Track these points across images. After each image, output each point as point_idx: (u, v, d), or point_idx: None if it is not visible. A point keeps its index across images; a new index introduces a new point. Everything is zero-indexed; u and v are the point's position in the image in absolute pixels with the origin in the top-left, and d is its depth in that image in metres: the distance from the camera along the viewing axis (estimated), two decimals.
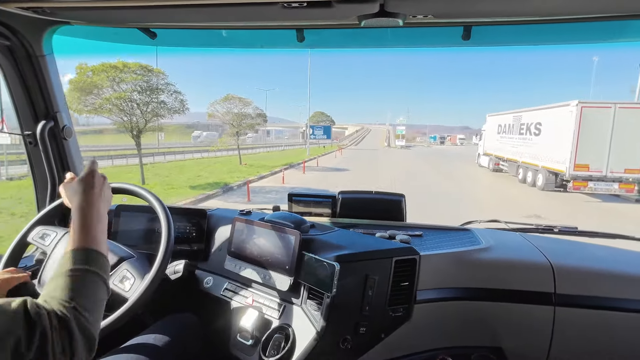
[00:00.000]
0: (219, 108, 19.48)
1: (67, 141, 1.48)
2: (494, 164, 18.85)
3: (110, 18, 1.19)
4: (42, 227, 1.21)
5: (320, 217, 1.63)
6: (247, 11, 1.03)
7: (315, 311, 1.07)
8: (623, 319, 1.17)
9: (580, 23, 1.13)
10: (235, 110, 19.45)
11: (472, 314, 1.24)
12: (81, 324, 0.67)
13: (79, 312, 0.67)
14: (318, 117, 71.49)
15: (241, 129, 19.69)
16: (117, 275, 1.11)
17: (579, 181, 11.89)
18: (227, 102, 19.55)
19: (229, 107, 19.44)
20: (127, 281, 1.09)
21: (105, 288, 0.77)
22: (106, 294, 0.78)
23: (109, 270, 0.81)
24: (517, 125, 16.31)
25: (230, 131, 19.77)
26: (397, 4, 0.95)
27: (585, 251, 1.41)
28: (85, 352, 0.67)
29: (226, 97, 19.69)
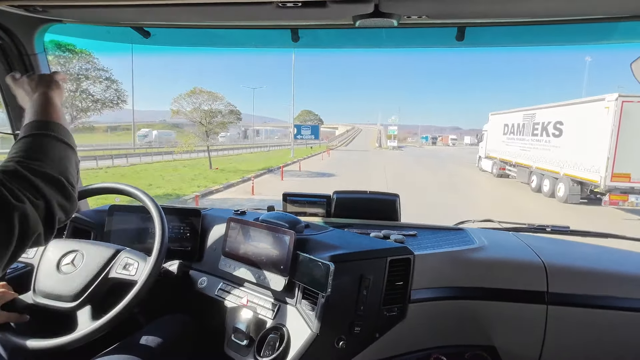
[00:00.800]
0: (185, 104, 17.24)
1: None
2: (498, 168, 16.78)
3: (103, 16, 1.18)
4: None
5: (314, 217, 1.63)
6: (241, 10, 1.03)
7: (310, 311, 1.07)
8: (615, 317, 1.18)
9: (572, 24, 1.14)
10: (205, 106, 17.26)
11: (466, 313, 1.24)
12: (33, 169, 0.67)
13: (28, 162, 0.68)
14: (305, 116, 67.55)
15: (211, 128, 17.42)
16: (117, 265, 1.11)
17: (617, 194, 9.56)
18: (193, 97, 17.24)
19: (196, 102, 17.19)
20: (130, 267, 1.10)
21: (71, 150, 0.78)
22: (74, 154, 0.79)
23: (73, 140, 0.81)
24: (529, 124, 14.20)
25: (198, 130, 17.43)
26: (392, 5, 0.95)
27: (578, 250, 1.43)
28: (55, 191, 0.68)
29: (192, 90, 17.30)
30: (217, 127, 17.90)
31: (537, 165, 13.10)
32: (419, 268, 1.19)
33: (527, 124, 14.38)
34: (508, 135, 16.07)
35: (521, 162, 14.41)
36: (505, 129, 16.41)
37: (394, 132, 54.00)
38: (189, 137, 18.62)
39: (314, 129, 38.12)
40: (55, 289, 1.06)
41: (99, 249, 1.14)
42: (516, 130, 15.32)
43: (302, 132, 36.71)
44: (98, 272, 1.09)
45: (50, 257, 1.12)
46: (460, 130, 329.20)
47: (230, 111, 18.47)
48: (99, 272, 1.09)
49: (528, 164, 13.76)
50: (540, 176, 12.86)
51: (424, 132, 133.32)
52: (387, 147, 51.03)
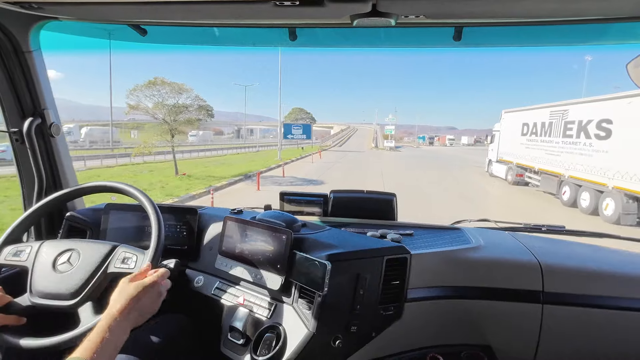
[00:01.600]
0: (145, 98, 14.16)
1: (54, 138, 1.46)
2: (514, 175, 14.37)
3: (100, 14, 1.17)
4: (12, 247, 1.14)
5: (311, 217, 1.63)
6: (238, 9, 1.03)
7: (306, 310, 1.07)
8: (609, 317, 1.19)
9: (567, 25, 1.15)
10: (170, 100, 14.22)
11: (462, 312, 1.25)
12: None
13: None
14: (296, 114, 63.33)
15: (176, 127, 14.32)
16: (115, 260, 1.10)
17: None
18: (154, 89, 14.12)
19: (157, 95, 14.13)
20: (129, 260, 1.09)
21: None
22: None
23: None
24: (559, 123, 11.76)
25: (161, 128, 14.44)
26: (389, 4, 0.95)
27: (573, 250, 1.43)
28: None
29: (152, 81, 14.08)
30: (183, 125, 14.93)
31: (571, 174, 10.76)
32: (415, 267, 1.19)
33: (555, 122, 11.99)
34: (529, 136, 13.64)
35: (547, 168, 12.09)
36: (524, 129, 14.05)
37: (391, 131, 52.24)
38: (150, 135, 15.63)
39: (305, 128, 36.01)
40: (53, 289, 1.06)
41: (95, 246, 1.13)
42: (540, 131, 12.89)
43: (292, 131, 34.72)
44: (96, 268, 1.08)
45: (44, 258, 1.11)
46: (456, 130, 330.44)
47: (200, 106, 15.48)
48: (97, 268, 1.08)
49: (558, 171, 11.43)
50: (576, 187, 10.56)
51: (421, 132, 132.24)
52: (384, 148, 48.98)
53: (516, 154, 14.51)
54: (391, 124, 56.33)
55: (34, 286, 1.07)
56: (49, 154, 1.47)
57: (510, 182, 14.73)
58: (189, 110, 14.91)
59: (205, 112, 16.03)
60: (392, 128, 53.18)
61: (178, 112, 14.43)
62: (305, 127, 36.50)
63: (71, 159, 1.58)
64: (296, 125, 36.86)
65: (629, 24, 1.12)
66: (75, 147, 32.37)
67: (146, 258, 1.07)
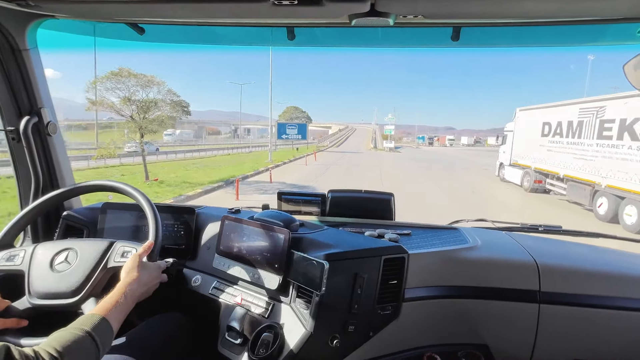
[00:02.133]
0: (107, 92, 12.00)
1: (51, 137, 1.45)
2: (532, 180, 12.65)
3: (98, 12, 1.17)
4: (4, 252, 1.13)
5: (309, 216, 1.63)
6: (237, 8, 1.02)
7: (304, 310, 1.07)
8: (605, 316, 1.20)
9: (564, 26, 1.15)
10: (139, 95, 12.17)
11: (459, 311, 1.25)
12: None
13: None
14: (291, 112, 60.51)
15: (146, 125, 12.18)
16: (115, 254, 1.10)
17: None
18: (119, 82, 11.99)
19: (123, 89, 12.03)
20: (128, 254, 1.10)
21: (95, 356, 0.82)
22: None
23: (108, 346, 0.87)
24: (591, 122, 10.11)
25: (129, 126, 12.59)
26: (388, 4, 0.95)
27: (569, 250, 1.44)
28: None
29: (115, 72, 11.95)
30: (153, 124, 12.51)
31: (610, 183, 9.19)
32: (413, 267, 1.19)
33: (587, 122, 10.28)
34: (551, 137, 12.00)
35: (577, 175, 10.44)
36: (545, 129, 12.41)
37: (390, 131, 50.44)
38: (114, 135, 13.73)
39: (300, 127, 34.30)
40: (52, 288, 1.05)
41: (92, 243, 1.13)
42: (567, 131, 11.21)
43: (287, 131, 33.09)
44: (96, 264, 1.08)
45: (41, 259, 1.10)
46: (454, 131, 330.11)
47: (173, 102, 13.49)
48: (96, 264, 1.08)
49: (591, 179, 9.80)
50: (616, 200, 8.96)
51: (420, 132, 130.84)
52: (383, 149, 47.37)
53: (534, 157, 12.80)
54: (390, 123, 54.71)
55: (33, 288, 1.06)
56: (46, 152, 1.46)
57: (527, 189, 12.97)
58: (158, 106, 12.79)
59: (181, 109, 14.49)
60: (392, 128, 51.33)
61: (147, 108, 12.36)
62: (301, 126, 34.79)
63: (68, 158, 1.57)
64: (291, 124, 35.11)
65: (626, 25, 1.13)
66: None
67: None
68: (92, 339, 0.81)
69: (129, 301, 0.97)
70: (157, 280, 1.11)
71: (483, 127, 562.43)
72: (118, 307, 0.92)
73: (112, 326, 0.88)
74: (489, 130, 61.60)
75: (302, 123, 38.25)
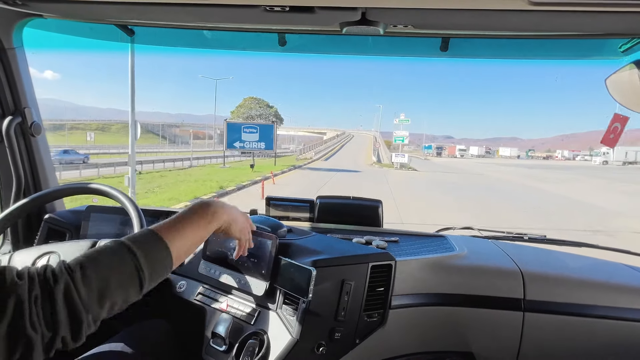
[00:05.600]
0: None
1: (35, 138, 1.43)
2: None
3: (86, 13, 1.15)
4: None
5: (297, 222, 1.62)
6: (228, 13, 1.03)
7: (290, 316, 1.07)
8: (588, 325, 1.22)
9: (550, 40, 1.18)
10: None
11: (445, 319, 1.26)
12: (70, 295, 0.57)
13: (73, 280, 0.58)
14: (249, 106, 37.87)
15: None
16: None
17: None
18: None
19: None
20: None
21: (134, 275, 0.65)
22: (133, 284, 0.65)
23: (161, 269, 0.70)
24: None
25: None
26: (378, 13, 0.96)
27: (553, 258, 1.46)
28: (68, 328, 0.58)
29: None
30: None
31: None
32: (400, 274, 1.20)
33: None
34: None
35: None
36: None
37: (402, 139, 32.73)
38: None
39: (263, 130, 22.09)
40: None
41: (75, 245, 1.10)
42: None
43: (242, 136, 21.67)
44: None
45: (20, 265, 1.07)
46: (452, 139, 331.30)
47: None
48: None
49: None
50: None
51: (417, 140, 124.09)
52: (391, 165, 30.60)
53: None
54: (403, 128, 34.62)
55: None
56: (29, 153, 1.43)
57: None
58: None
59: None
60: (405, 135, 32.89)
61: None
62: (264, 129, 22.31)
63: (52, 159, 1.54)
64: (248, 125, 22.36)
65: (608, 40, 1.17)
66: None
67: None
68: (129, 250, 0.65)
69: (205, 225, 0.79)
70: (247, 223, 0.96)
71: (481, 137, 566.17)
72: (183, 224, 0.74)
73: (168, 244, 0.70)
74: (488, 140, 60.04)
75: (266, 124, 24.70)
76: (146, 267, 0.66)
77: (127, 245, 0.66)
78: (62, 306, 0.57)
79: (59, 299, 0.57)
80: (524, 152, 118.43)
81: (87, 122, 44.11)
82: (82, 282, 0.59)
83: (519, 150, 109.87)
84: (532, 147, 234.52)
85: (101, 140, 15.76)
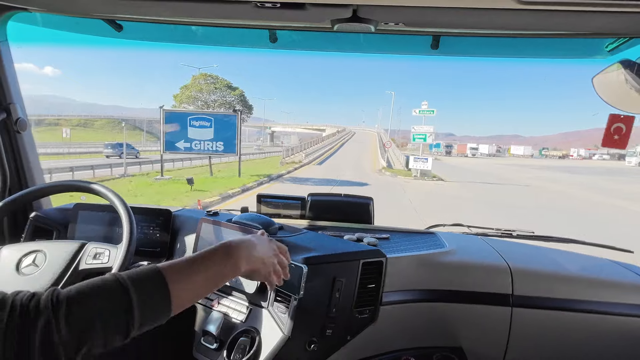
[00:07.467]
0: None
1: (20, 134, 1.40)
2: None
3: (73, 7, 1.13)
4: None
5: (289, 219, 1.62)
6: (218, 8, 1.02)
7: (282, 314, 1.07)
8: (575, 319, 1.24)
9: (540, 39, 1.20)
10: None
11: (434, 315, 1.27)
12: (48, 334, 0.53)
13: (56, 318, 0.54)
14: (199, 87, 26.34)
15: None
16: (87, 256, 1.07)
17: None
18: None
19: None
20: (101, 255, 1.06)
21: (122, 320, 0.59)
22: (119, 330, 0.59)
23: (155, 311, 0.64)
24: None
25: None
26: (370, 11, 0.96)
27: (541, 255, 1.49)
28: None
29: None
30: None
31: None
32: (390, 271, 1.20)
33: None
34: None
35: None
36: None
37: (424, 137, 20.70)
38: None
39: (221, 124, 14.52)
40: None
41: (62, 245, 1.09)
42: None
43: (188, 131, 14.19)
44: (66, 266, 1.04)
45: (5, 262, 1.05)
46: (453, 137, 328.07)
47: None
48: (67, 266, 1.04)
49: None
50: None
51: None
52: (408, 172, 20.97)
53: None
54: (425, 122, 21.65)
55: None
56: (14, 150, 1.40)
57: None
58: None
59: None
60: (430, 131, 21.02)
61: None
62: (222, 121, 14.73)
63: (38, 156, 1.51)
64: (198, 116, 14.43)
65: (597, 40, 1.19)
66: None
67: (119, 252, 1.04)
68: (125, 290, 0.59)
69: (222, 275, 0.70)
70: (273, 258, 0.82)
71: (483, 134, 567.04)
72: (195, 269, 0.66)
73: (171, 290, 0.63)
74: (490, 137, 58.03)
75: (225, 114, 16.22)
76: (138, 314, 0.60)
77: (123, 284, 0.59)
78: (38, 345, 0.53)
79: (36, 338, 0.53)
80: (536, 150, 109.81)
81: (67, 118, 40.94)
82: (64, 321, 0.54)
83: (532, 149, 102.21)
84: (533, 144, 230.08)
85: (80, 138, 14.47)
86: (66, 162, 16.69)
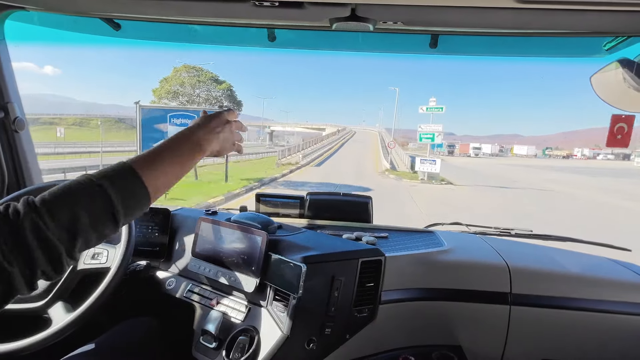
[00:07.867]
0: None
1: (18, 134, 1.39)
2: None
3: (71, 5, 1.13)
4: None
5: (288, 218, 1.62)
6: (217, 7, 1.01)
7: (281, 312, 1.07)
8: (573, 317, 1.24)
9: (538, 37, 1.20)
10: None
11: (433, 313, 1.28)
12: (38, 229, 0.55)
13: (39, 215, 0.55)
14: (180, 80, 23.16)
15: None
16: (85, 256, 1.06)
17: None
18: None
19: None
20: (99, 255, 1.07)
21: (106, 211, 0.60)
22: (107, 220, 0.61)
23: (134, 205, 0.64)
24: None
25: None
26: (368, 9, 0.96)
27: (540, 253, 1.49)
28: (47, 264, 0.56)
29: None
30: None
31: None
32: (389, 269, 1.21)
33: None
34: None
35: None
36: None
37: (432, 137, 19.21)
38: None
39: None
40: None
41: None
42: None
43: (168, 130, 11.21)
44: None
45: None
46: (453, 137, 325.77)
47: None
48: None
49: None
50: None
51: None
52: (414, 175, 19.71)
53: None
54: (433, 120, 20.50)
55: None
56: (12, 149, 1.40)
57: None
58: None
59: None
60: (438, 131, 19.20)
61: None
62: None
63: (36, 155, 1.51)
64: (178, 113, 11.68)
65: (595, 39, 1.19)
66: None
67: (118, 251, 1.04)
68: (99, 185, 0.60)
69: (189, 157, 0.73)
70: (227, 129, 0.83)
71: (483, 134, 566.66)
72: (162, 156, 0.68)
73: (144, 178, 0.64)
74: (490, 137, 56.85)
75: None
76: (118, 202, 0.61)
77: (95, 180, 0.61)
78: (33, 240, 0.55)
79: (28, 235, 0.54)
80: (539, 150, 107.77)
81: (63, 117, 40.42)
82: (48, 216, 0.56)
83: (535, 149, 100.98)
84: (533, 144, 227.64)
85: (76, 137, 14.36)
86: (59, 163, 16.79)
